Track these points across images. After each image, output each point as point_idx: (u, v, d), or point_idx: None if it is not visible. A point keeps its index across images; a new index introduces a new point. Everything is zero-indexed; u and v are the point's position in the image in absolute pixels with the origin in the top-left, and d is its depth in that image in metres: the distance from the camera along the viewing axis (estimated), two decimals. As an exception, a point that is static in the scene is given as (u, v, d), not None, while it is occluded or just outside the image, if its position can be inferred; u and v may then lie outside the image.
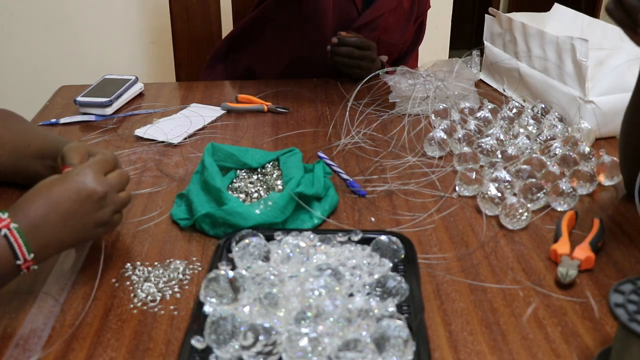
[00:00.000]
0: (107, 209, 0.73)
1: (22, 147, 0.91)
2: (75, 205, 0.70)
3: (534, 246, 0.84)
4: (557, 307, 0.72)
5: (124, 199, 0.76)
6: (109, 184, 0.73)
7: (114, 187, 0.74)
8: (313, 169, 0.95)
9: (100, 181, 0.72)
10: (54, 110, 1.32)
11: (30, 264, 0.67)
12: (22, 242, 0.66)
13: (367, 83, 1.21)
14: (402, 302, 0.68)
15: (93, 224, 0.72)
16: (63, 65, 2.15)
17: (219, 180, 0.89)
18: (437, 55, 2.27)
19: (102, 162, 0.74)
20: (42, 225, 0.68)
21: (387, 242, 0.76)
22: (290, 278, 0.70)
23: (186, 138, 1.16)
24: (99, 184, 0.71)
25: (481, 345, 0.66)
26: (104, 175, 0.73)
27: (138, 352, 0.66)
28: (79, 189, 0.70)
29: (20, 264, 0.66)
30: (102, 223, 0.73)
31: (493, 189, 0.90)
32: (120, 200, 0.75)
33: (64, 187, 0.70)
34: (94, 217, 0.72)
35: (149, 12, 2.13)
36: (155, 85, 1.47)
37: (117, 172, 0.76)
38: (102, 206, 0.72)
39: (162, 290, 0.75)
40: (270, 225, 0.83)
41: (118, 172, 0.76)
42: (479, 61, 1.41)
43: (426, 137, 1.08)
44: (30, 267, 0.67)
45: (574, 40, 1.11)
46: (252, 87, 1.43)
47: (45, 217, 0.68)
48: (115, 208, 0.74)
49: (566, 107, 1.16)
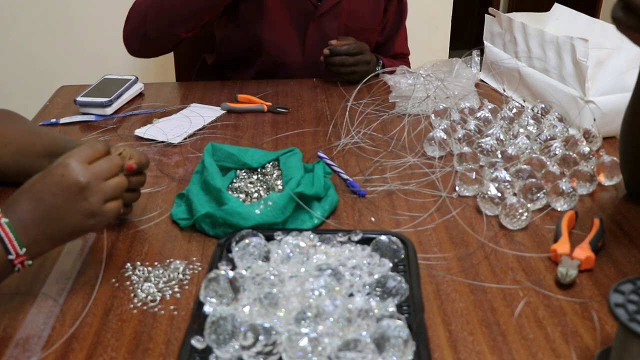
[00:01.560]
0: (93, 198, 0.69)
1: (28, 147, 0.91)
2: (57, 199, 0.68)
3: (534, 246, 0.84)
4: (557, 307, 0.72)
5: (114, 186, 0.71)
6: (92, 173, 0.69)
7: (99, 175, 0.70)
8: (313, 169, 0.95)
9: (81, 171, 0.68)
10: (54, 110, 1.32)
11: (23, 259, 0.67)
12: (13, 236, 0.65)
13: (367, 83, 1.21)
14: (402, 302, 0.68)
15: (80, 215, 0.69)
16: (63, 65, 2.15)
17: (219, 180, 0.89)
18: (437, 55, 2.26)
19: (85, 151, 0.71)
20: (29, 221, 0.67)
21: (387, 242, 0.76)
22: (290, 278, 0.70)
23: (186, 138, 1.16)
24: (79, 174, 0.68)
25: (481, 345, 0.66)
26: (89, 164, 0.70)
27: (138, 352, 0.66)
28: (58, 182, 0.68)
29: (13, 258, 0.66)
30: (91, 213, 0.69)
31: (493, 189, 0.90)
32: (110, 187, 0.71)
33: (45, 181, 0.68)
34: (79, 208, 0.68)
35: (149, 12, 2.13)
36: (155, 85, 1.47)
37: (103, 160, 0.72)
38: (87, 196, 0.69)
39: (162, 290, 0.75)
40: (270, 225, 0.83)
41: (105, 159, 0.72)
42: (479, 61, 1.41)
43: (426, 137, 1.08)
44: (25, 263, 0.67)
45: (574, 40, 1.11)
46: (252, 87, 1.43)
47: (31, 212, 0.67)
48: (105, 197, 0.70)
49: (566, 107, 1.16)
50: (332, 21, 1.48)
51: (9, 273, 0.67)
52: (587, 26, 1.32)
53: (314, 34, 1.48)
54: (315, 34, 1.48)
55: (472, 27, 4.26)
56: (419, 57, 1.68)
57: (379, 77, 1.37)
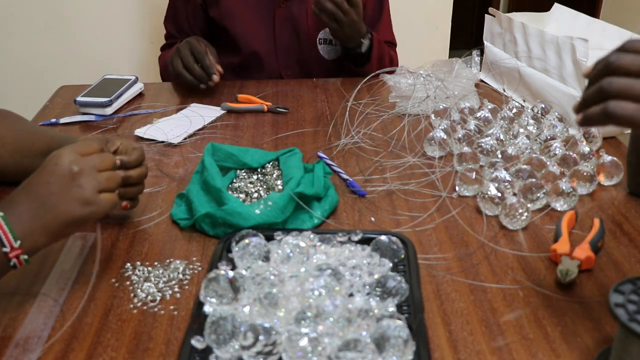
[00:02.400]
0: (87, 185, 0.70)
1: (27, 146, 0.91)
2: (50, 187, 0.69)
3: (534, 246, 0.84)
4: (557, 307, 0.72)
5: (107, 177, 0.73)
6: (85, 162, 0.71)
7: (92, 165, 0.71)
8: (313, 169, 0.95)
9: (73, 159, 0.70)
10: (54, 110, 1.32)
11: (18, 253, 0.67)
12: (7, 229, 0.66)
13: (367, 83, 1.21)
14: (402, 302, 0.68)
15: (74, 202, 0.69)
16: (63, 65, 2.15)
17: (219, 180, 0.89)
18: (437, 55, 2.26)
19: (80, 145, 0.73)
20: (24, 213, 0.68)
21: (387, 242, 0.76)
22: (290, 278, 0.70)
23: (186, 138, 1.16)
24: (71, 162, 0.70)
25: (481, 345, 0.66)
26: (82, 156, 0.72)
27: (138, 352, 0.66)
28: (51, 170, 0.70)
29: (7, 251, 0.66)
30: (85, 201, 0.70)
31: (493, 189, 0.90)
32: (103, 177, 0.72)
33: (40, 172, 0.70)
34: (73, 194, 0.69)
35: (149, 12, 2.13)
36: (155, 85, 1.47)
37: (96, 154, 0.74)
38: (81, 183, 0.70)
39: (162, 290, 0.75)
40: (270, 225, 0.83)
41: (98, 154, 0.74)
42: (479, 61, 1.41)
43: (426, 137, 1.08)
44: (21, 258, 0.67)
45: (574, 40, 1.11)
46: (252, 87, 1.43)
47: (26, 204, 0.68)
48: (99, 185, 0.71)
49: (566, 107, 1.16)
50: (299, 4, 1.47)
51: (5, 268, 0.67)
52: (587, 26, 1.32)
53: (282, 20, 1.48)
54: (283, 19, 1.48)
55: (472, 27, 4.26)
56: (419, 57, 1.68)
57: (379, 77, 1.37)
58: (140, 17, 2.14)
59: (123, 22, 2.13)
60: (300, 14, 1.48)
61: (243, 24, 1.48)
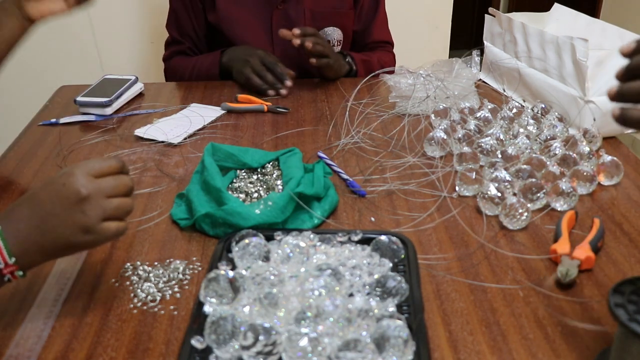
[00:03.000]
0: (91, 212, 0.65)
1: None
2: (55, 207, 0.65)
3: (534, 246, 0.84)
4: (557, 307, 0.72)
5: (115, 205, 0.67)
6: (96, 186, 0.66)
7: (102, 190, 0.66)
8: (313, 169, 0.95)
9: (85, 183, 0.65)
10: (54, 110, 1.32)
11: (13, 269, 0.64)
12: (2, 245, 0.63)
13: (367, 83, 1.21)
14: (402, 302, 0.68)
15: (74, 227, 0.65)
16: (63, 65, 2.15)
17: (219, 180, 0.89)
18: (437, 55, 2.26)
19: (95, 164, 0.68)
20: (23, 230, 0.65)
21: (387, 242, 0.76)
22: (290, 278, 0.70)
23: (186, 138, 1.16)
24: (82, 185, 0.65)
25: (481, 345, 0.66)
26: (95, 177, 0.67)
27: (138, 352, 0.66)
28: (59, 190, 0.65)
29: (2, 267, 0.64)
30: (86, 228, 0.65)
31: (493, 189, 0.90)
32: (111, 205, 0.67)
33: (47, 188, 0.66)
34: (74, 220, 0.65)
35: (149, 12, 2.13)
36: (155, 85, 1.47)
37: (112, 177, 0.68)
38: (85, 209, 0.65)
39: (162, 290, 0.75)
40: (270, 225, 0.83)
41: (114, 177, 0.68)
42: (479, 61, 1.41)
43: (426, 137, 1.08)
44: (15, 273, 0.65)
45: (574, 40, 1.11)
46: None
47: (27, 220, 0.65)
48: (104, 214, 0.66)
49: (566, 107, 1.16)
50: (296, 6, 1.47)
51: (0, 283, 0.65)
52: (587, 26, 1.32)
53: (280, 22, 1.48)
54: (281, 21, 1.48)
55: (472, 27, 4.26)
56: (419, 57, 1.68)
57: (379, 77, 1.37)
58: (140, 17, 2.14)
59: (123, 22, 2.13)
60: (298, 14, 1.48)
61: (240, 27, 1.48)
